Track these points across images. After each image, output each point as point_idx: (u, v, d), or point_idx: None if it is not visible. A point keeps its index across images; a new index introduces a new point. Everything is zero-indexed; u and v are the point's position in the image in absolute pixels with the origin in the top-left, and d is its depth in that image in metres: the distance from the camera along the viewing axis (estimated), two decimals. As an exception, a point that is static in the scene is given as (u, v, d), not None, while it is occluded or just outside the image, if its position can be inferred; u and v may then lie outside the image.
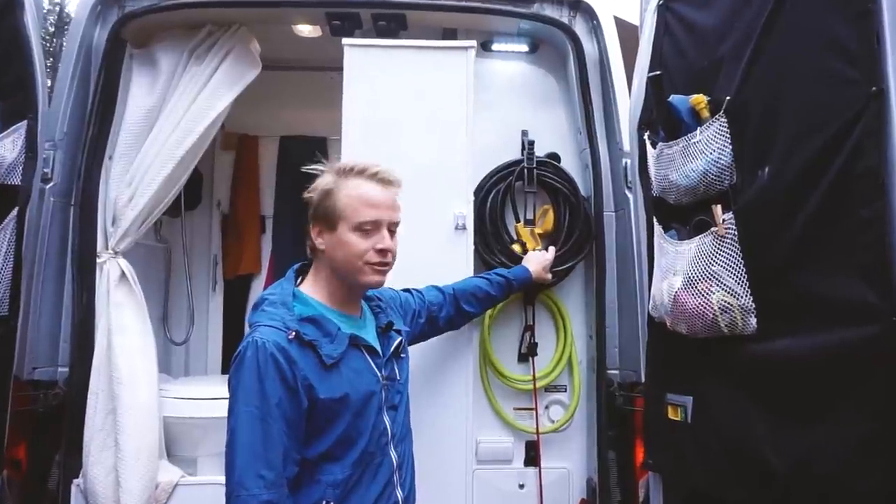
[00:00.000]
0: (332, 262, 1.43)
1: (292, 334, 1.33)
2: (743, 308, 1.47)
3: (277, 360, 1.29)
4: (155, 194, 2.21)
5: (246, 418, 1.29)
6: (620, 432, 2.13)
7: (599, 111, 2.29)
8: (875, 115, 1.18)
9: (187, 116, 2.24)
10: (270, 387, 1.28)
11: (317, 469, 1.35)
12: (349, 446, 1.37)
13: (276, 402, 1.28)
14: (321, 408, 1.34)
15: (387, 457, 1.45)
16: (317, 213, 1.44)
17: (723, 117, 1.54)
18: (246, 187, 3.19)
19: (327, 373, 1.35)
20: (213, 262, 3.17)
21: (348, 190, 1.41)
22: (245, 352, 1.32)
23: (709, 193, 1.59)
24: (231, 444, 1.29)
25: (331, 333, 1.38)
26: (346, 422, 1.37)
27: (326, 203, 1.42)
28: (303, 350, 1.33)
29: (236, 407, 1.31)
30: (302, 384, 1.31)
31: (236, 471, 1.27)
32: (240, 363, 1.32)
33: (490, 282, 2.02)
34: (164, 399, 2.28)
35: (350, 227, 1.39)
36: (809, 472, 1.27)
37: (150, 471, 2.07)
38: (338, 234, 1.40)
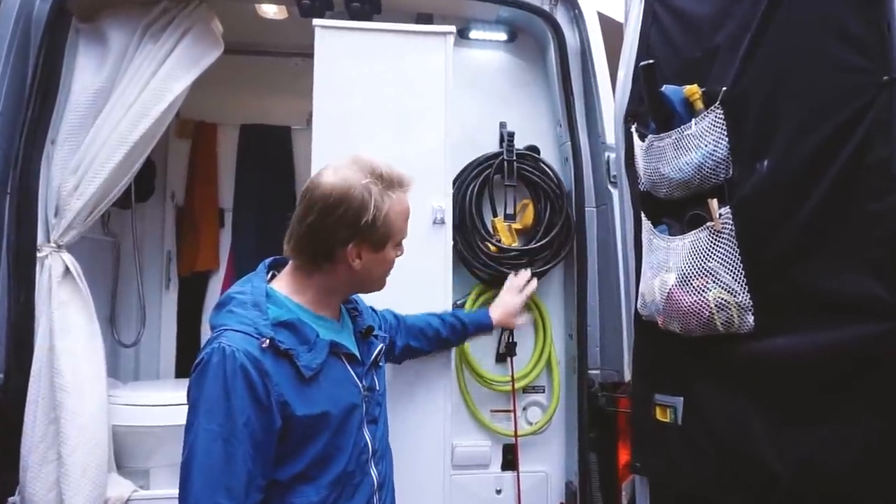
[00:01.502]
0: (358, 278, 1.30)
1: (266, 342, 1.16)
2: (740, 305, 1.42)
3: (248, 372, 1.12)
4: (104, 183, 2.02)
5: (206, 437, 1.11)
6: (602, 434, 2.07)
7: (581, 103, 2.23)
8: (886, 105, 1.14)
9: (141, 99, 2.06)
10: (238, 404, 1.11)
11: (289, 491, 1.20)
12: (327, 466, 1.23)
13: (243, 422, 1.11)
14: (298, 426, 1.18)
15: (367, 475, 1.31)
16: (369, 237, 1.26)
17: (718, 108, 1.49)
18: (203, 178, 3.00)
19: (305, 386, 1.20)
20: (166, 257, 2.96)
21: (397, 208, 1.29)
22: (210, 359, 1.14)
23: (703, 187, 1.54)
24: (187, 465, 1.12)
25: (309, 341, 1.22)
26: (325, 440, 1.22)
27: (381, 227, 1.26)
28: (278, 361, 1.17)
29: (196, 423, 1.13)
30: (276, 401, 1.15)
31: (192, 497, 1.11)
32: (202, 372, 1.14)
33: (443, 321, 1.84)
34: (112, 406, 2.09)
35: (394, 244, 1.33)
36: (814, 474, 1.22)
37: (98, 486, 1.89)
38: (383, 254, 1.30)
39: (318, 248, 1.27)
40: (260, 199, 3.01)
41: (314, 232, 1.26)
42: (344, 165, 1.28)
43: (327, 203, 1.24)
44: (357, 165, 1.27)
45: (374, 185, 1.25)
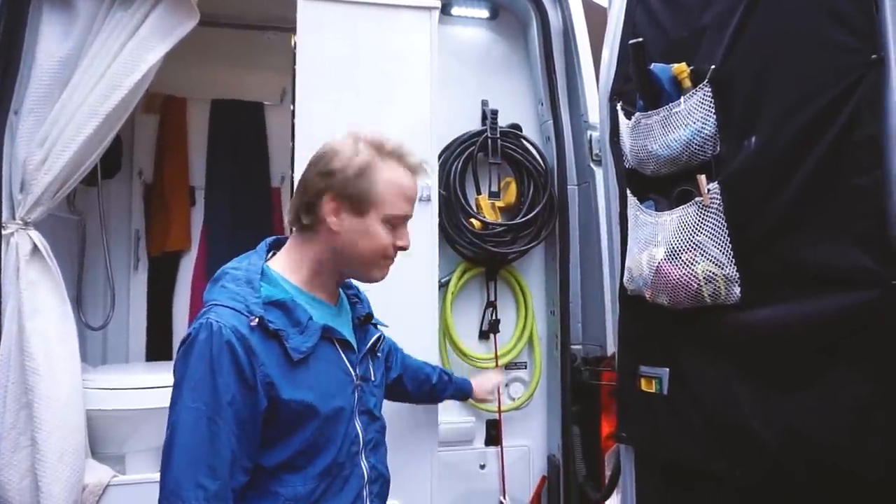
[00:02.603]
0: (341, 247, 1.22)
1: (255, 321, 1.12)
2: (727, 278, 1.47)
3: (235, 349, 1.09)
4: (74, 156, 1.93)
5: (190, 415, 1.06)
6: (584, 407, 2.12)
7: (563, 82, 2.24)
8: (874, 84, 1.18)
9: (112, 69, 1.96)
10: (223, 381, 1.08)
11: (274, 480, 1.15)
12: (315, 456, 1.18)
13: (228, 400, 1.07)
14: (284, 410, 1.14)
15: (357, 468, 1.25)
16: (343, 190, 1.19)
17: (707, 86, 1.52)
18: (172, 154, 2.88)
19: (293, 369, 1.15)
20: (134, 237, 2.85)
21: (387, 175, 1.22)
22: (197, 335, 1.10)
23: (691, 164, 1.57)
24: (169, 443, 1.07)
25: (300, 323, 1.18)
26: (313, 428, 1.17)
27: (361, 184, 1.20)
28: (266, 341, 1.13)
29: (180, 400, 1.08)
30: (262, 381, 1.11)
31: (172, 476, 1.05)
32: (189, 348, 1.11)
33: (434, 370, 1.81)
34: (85, 390, 2.02)
35: (381, 217, 1.22)
36: (800, 440, 1.28)
37: (76, 471, 1.83)
38: (365, 222, 1.21)
39: (301, 202, 1.23)
40: (233, 176, 2.93)
41: (300, 185, 1.25)
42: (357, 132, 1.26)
43: (318, 154, 1.23)
44: (359, 131, 1.25)
45: (366, 146, 1.22)
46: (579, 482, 2.09)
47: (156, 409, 2.13)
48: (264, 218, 2.97)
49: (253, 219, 2.93)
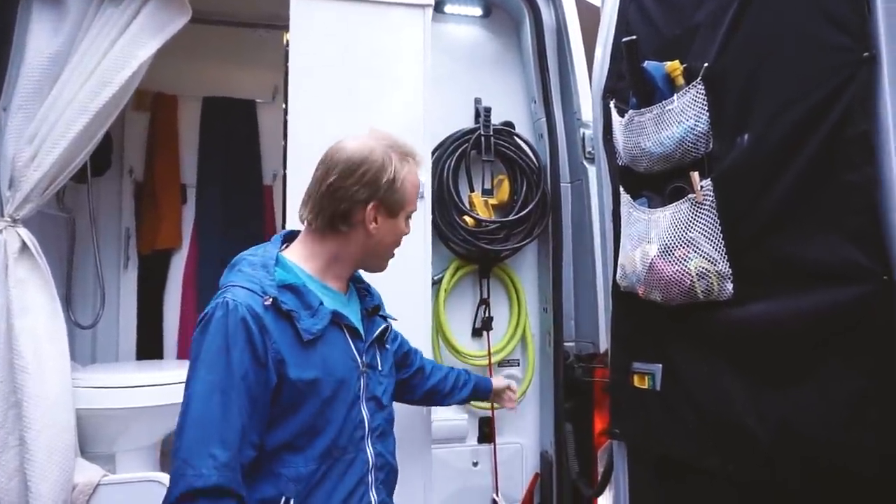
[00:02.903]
0: (373, 245, 1.33)
1: (269, 300, 1.18)
2: (720, 274, 1.47)
3: (249, 326, 1.14)
4: (64, 153, 1.91)
5: (204, 388, 1.11)
6: (577, 404, 2.13)
7: (556, 80, 2.24)
8: (866, 81, 1.19)
9: (103, 65, 1.95)
10: (237, 357, 1.13)
11: (277, 461, 1.19)
12: (314, 436, 1.21)
13: (241, 375, 1.12)
14: (288, 389, 1.18)
15: (362, 453, 1.28)
16: (384, 199, 1.30)
17: (700, 84, 1.53)
18: (163, 152, 2.86)
19: (302, 350, 1.20)
20: (124, 235, 2.82)
21: (411, 178, 1.34)
22: (214, 313, 1.16)
23: (684, 161, 1.58)
24: (183, 415, 1.12)
25: (311, 306, 1.23)
26: (313, 408, 1.21)
27: (397, 190, 1.31)
28: (278, 320, 1.18)
29: (195, 374, 1.13)
30: (273, 358, 1.16)
31: (185, 445, 1.09)
32: (206, 325, 1.16)
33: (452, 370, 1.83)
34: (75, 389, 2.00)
35: (406, 214, 1.36)
36: (793, 435, 1.28)
37: (65, 470, 1.81)
38: (396, 221, 1.34)
39: (336, 209, 1.28)
40: (224, 174, 2.90)
41: (334, 192, 1.28)
42: (363, 135, 1.33)
43: (350, 164, 1.28)
44: (376, 134, 1.34)
45: (392, 151, 1.31)
46: (572, 479, 2.10)
47: (146, 408, 2.13)
48: (256, 216, 2.95)
49: (244, 217, 2.91)
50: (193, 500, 1.06)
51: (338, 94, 1.94)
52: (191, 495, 1.06)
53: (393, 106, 1.97)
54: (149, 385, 2.16)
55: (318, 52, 1.94)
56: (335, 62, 1.95)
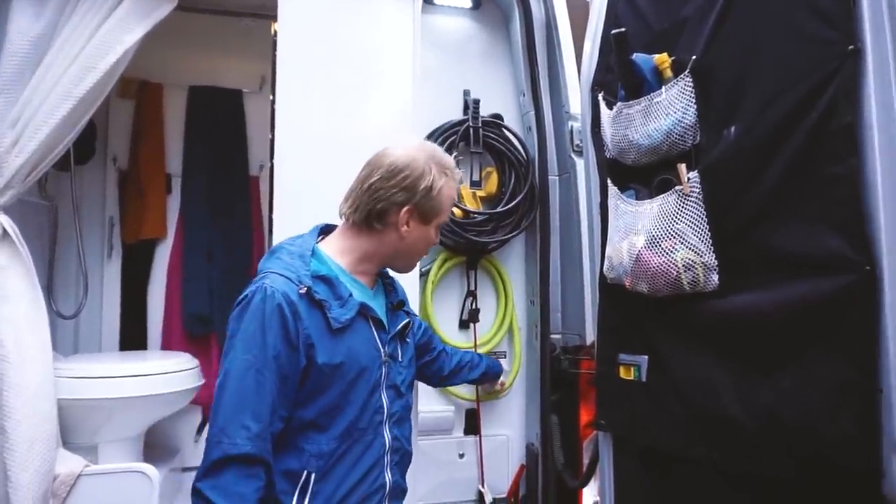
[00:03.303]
0: (404, 247, 1.42)
1: (304, 289, 1.29)
2: (706, 265, 1.49)
3: (284, 312, 1.25)
4: (47, 139, 1.88)
5: (241, 365, 1.23)
6: (563, 396, 2.14)
7: (545, 73, 2.25)
8: (850, 74, 1.21)
9: (88, 50, 1.92)
10: (272, 338, 1.24)
11: (302, 437, 1.30)
12: (337, 416, 1.31)
13: (273, 355, 1.24)
14: (316, 372, 1.29)
15: (380, 436, 1.39)
16: (419, 205, 1.40)
17: (688, 76, 1.54)
18: (148, 141, 2.82)
19: (331, 336, 1.31)
20: (108, 224, 2.79)
21: (448, 190, 1.44)
22: (253, 297, 1.27)
23: (671, 153, 1.59)
24: (220, 389, 1.24)
25: (342, 297, 1.34)
26: (337, 390, 1.31)
27: (433, 200, 1.40)
28: (311, 308, 1.29)
29: (232, 352, 1.25)
30: (303, 342, 1.27)
31: (221, 418, 1.21)
32: (245, 307, 1.27)
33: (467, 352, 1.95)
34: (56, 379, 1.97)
35: (438, 224, 1.45)
36: (777, 423, 1.30)
37: (46, 460, 1.78)
38: (428, 229, 1.43)
39: (374, 207, 1.38)
40: (210, 164, 2.87)
41: (374, 192, 1.38)
42: (411, 144, 1.45)
43: (393, 168, 1.38)
44: (422, 145, 1.46)
45: (434, 163, 1.41)
46: (557, 470, 2.11)
47: (129, 399, 2.11)
48: (242, 207, 2.92)
49: (230, 207, 2.88)
50: (228, 465, 1.19)
51: (326, 85, 1.92)
52: (225, 461, 1.18)
53: (382, 97, 1.96)
54: (132, 375, 2.13)
55: (307, 42, 1.92)
56: (324, 53, 1.93)
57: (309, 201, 1.75)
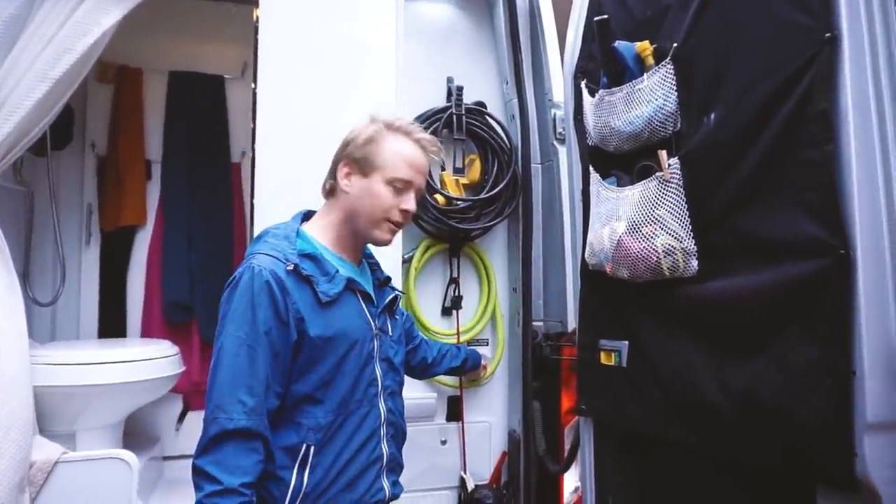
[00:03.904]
0: (352, 206, 1.42)
1: (291, 266, 1.31)
2: (686, 251, 1.50)
3: (272, 289, 1.28)
4: (21, 122, 1.84)
5: (233, 343, 1.26)
6: (545, 383, 2.15)
7: (528, 61, 2.25)
8: (827, 61, 1.22)
9: (64, 31, 1.87)
10: (262, 315, 1.27)
11: (298, 412, 1.32)
12: (332, 389, 1.34)
13: (265, 331, 1.26)
14: (309, 345, 1.31)
15: (375, 408, 1.41)
16: (352, 156, 1.42)
17: (669, 64, 1.55)
18: (127, 126, 2.77)
19: (321, 310, 1.33)
20: (86, 211, 2.74)
21: (393, 144, 1.41)
22: (241, 276, 1.30)
23: (652, 140, 1.60)
24: (215, 367, 1.27)
25: (329, 273, 1.37)
26: (331, 363, 1.34)
27: (368, 149, 1.40)
28: (299, 284, 1.32)
29: (224, 331, 1.28)
30: (293, 317, 1.29)
31: (216, 395, 1.24)
32: (234, 288, 1.30)
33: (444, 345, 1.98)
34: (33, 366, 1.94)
35: (384, 179, 1.40)
36: (753, 404, 1.32)
37: (22, 447, 1.75)
38: (369, 182, 1.40)
39: (329, 175, 1.45)
40: (191, 151, 2.83)
41: (332, 163, 1.46)
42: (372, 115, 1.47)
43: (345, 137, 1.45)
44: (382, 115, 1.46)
45: (383, 124, 1.43)
46: (539, 455, 2.13)
47: (107, 386, 2.09)
48: (223, 194, 2.89)
49: (212, 194, 2.85)
50: (226, 440, 1.21)
51: (308, 71, 1.91)
52: (223, 436, 1.21)
53: (365, 85, 1.95)
54: (110, 362, 2.11)
55: (289, 29, 1.91)
56: (306, 40, 1.92)
57: (290, 189, 1.74)
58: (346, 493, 1.34)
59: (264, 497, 1.29)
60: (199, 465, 1.21)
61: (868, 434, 1.14)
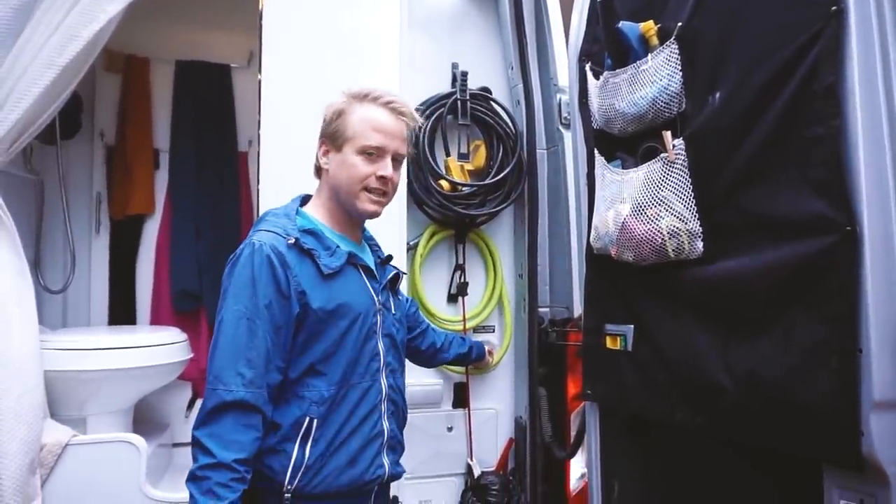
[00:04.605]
0: (334, 182, 1.42)
1: (292, 240, 1.32)
2: (691, 232, 1.49)
3: (273, 263, 1.29)
4: (30, 109, 1.86)
5: (233, 316, 1.27)
6: (551, 369, 2.14)
7: (533, 46, 2.23)
8: (834, 35, 1.20)
9: (70, 18, 1.89)
10: (262, 289, 1.28)
11: (301, 385, 1.33)
12: (334, 362, 1.35)
13: (265, 304, 1.28)
14: (312, 318, 1.32)
15: (376, 383, 1.41)
16: (326, 133, 1.44)
17: (673, 43, 1.53)
18: (136, 116, 2.80)
19: (323, 283, 1.34)
20: (96, 199, 2.77)
21: (359, 113, 1.41)
22: (242, 252, 1.32)
23: (656, 121, 1.58)
24: (215, 340, 1.28)
25: (330, 248, 1.38)
26: (334, 335, 1.35)
27: (336, 123, 1.41)
28: (301, 258, 1.33)
29: (225, 305, 1.29)
30: (295, 291, 1.30)
31: (216, 366, 1.26)
32: (234, 263, 1.32)
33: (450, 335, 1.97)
34: (43, 351, 1.96)
35: (355, 149, 1.39)
36: (759, 384, 1.31)
37: (33, 430, 1.78)
38: (342, 155, 1.40)
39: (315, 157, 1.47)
40: (198, 140, 2.85)
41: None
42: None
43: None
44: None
45: (350, 96, 1.43)
46: (546, 442, 2.12)
47: (117, 371, 2.11)
48: (231, 182, 2.91)
49: (219, 183, 2.87)
50: (225, 412, 1.22)
51: (313, 57, 1.92)
52: (222, 408, 1.22)
53: (368, 69, 1.95)
54: (119, 347, 2.13)
55: (293, 17, 1.91)
56: (310, 27, 1.92)
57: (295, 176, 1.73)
58: (347, 469, 1.34)
59: (264, 473, 1.30)
60: (197, 436, 1.23)
61: (874, 413, 1.12)
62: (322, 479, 1.31)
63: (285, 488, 1.29)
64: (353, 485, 1.35)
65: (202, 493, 1.19)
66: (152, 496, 1.92)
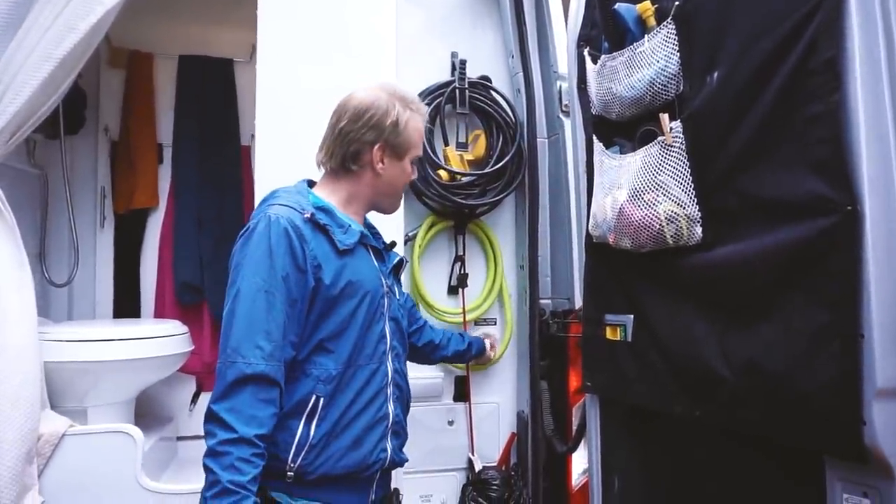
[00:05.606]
0: (382, 185, 1.45)
1: (308, 214, 1.33)
2: (689, 217, 1.45)
3: (290, 235, 1.29)
4: (29, 101, 1.87)
5: (251, 287, 1.26)
6: (553, 362, 2.11)
7: (533, 33, 2.20)
8: (833, 6, 1.16)
9: (68, 11, 1.90)
10: (279, 262, 1.28)
11: (309, 364, 1.33)
12: (344, 339, 1.35)
13: (283, 276, 1.27)
14: (324, 293, 1.32)
15: (382, 366, 1.41)
16: (389, 141, 1.43)
17: (671, 24, 1.48)
18: (139, 111, 2.82)
19: (337, 259, 1.35)
20: (100, 194, 2.80)
21: (415, 123, 1.46)
22: (256, 225, 1.31)
23: (654, 104, 1.54)
24: (231, 312, 1.27)
25: (343, 225, 1.39)
26: (344, 312, 1.35)
27: (402, 134, 1.43)
28: (315, 232, 1.33)
29: (240, 277, 1.28)
30: (311, 264, 1.31)
31: (234, 338, 1.24)
32: (248, 237, 1.31)
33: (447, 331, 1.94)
34: (44, 342, 1.98)
35: (412, 158, 1.48)
36: (757, 372, 1.26)
37: (30, 418, 1.79)
38: (402, 164, 1.46)
39: (347, 150, 1.42)
40: (202, 134, 2.86)
41: (345, 136, 1.42)
42: (372, 85, 1.48)
43: (358, 110, 1.41)
44: (383, 84, 1.49)
45: (396, 99, 1.44)
46: (547, 436, 2.08)
47: (117, 362, 2.11)
48: (234, 176, 2.91)
49: (222, 177, 2.88)
50: (244, 385, 1.21)
51: (309, 51, 1.91)
52: (242, 381, 1.21)
53: (365, 62, 1.94)
54: (120, 339, 2.14)
55: (288, 9, 1.90)
56: (307, 16, 1.91)
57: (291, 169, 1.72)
58: (350, 451, 1.33)
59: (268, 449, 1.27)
60: (216, 410, 1.20)
61: (877, 401, 1.07)
62: (325, 460, 1.30)
63: (288, 466, 1.27)
64: (356, 468, 1.34)
65: (224, 469, 1.17)
66: (149, 487, 1.92)
